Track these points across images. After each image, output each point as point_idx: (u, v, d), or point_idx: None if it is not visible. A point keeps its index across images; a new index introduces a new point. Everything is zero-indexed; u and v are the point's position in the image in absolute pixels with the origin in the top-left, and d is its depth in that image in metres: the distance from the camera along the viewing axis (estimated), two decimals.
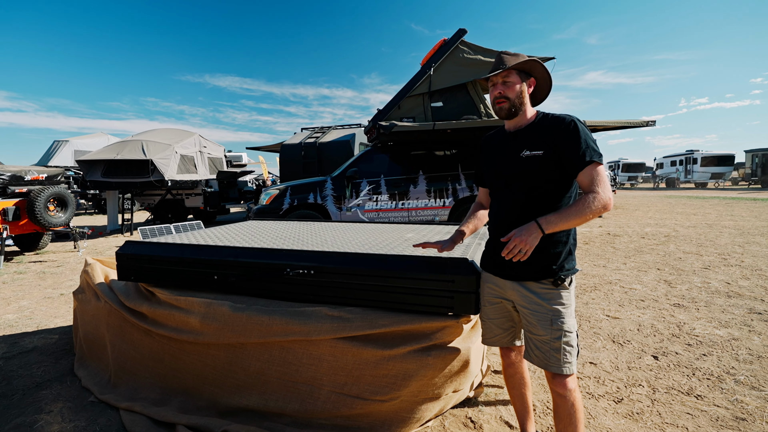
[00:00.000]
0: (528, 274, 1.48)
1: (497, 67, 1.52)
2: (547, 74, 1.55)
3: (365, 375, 1.77)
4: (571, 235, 1.50)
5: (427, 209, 6.43)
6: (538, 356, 1.49)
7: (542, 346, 1.47)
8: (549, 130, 1.45)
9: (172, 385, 2.15)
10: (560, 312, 1.44)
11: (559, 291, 1.45)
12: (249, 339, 1.90)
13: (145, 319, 2.23)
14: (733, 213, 10.82)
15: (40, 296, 4.43)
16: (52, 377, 2.51)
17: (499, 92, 1.51)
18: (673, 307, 3.60)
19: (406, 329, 1.76)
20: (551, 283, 1.45)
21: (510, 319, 1.63)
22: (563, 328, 1.43)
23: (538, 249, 1.43)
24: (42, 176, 7.21)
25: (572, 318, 1.47)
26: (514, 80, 1.50)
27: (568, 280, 1.46)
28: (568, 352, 1.44)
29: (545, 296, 1.46)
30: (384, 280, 1.79)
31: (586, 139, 1.39)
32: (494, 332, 1.66)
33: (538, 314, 1.46)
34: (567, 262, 1.47)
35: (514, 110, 1.51)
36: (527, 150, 1.47)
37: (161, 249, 2.24)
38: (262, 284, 2.00)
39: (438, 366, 1.72)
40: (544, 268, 1.45)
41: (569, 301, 1.47)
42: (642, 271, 4.91)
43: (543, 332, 1.45)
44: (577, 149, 1.38)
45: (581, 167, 1.38)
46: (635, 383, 2.31)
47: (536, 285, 1.47)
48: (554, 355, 1.44)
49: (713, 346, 2.76)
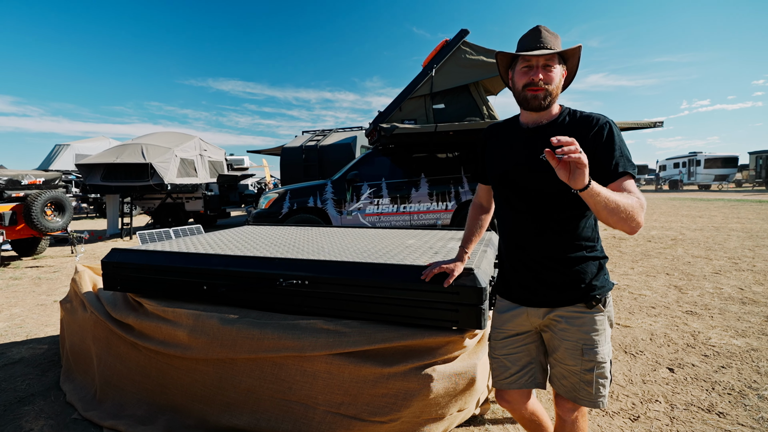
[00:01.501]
0: (556, 299, 1.26)
1: (538, 44, 1.21)
2: (577, 67, 1.31)
3: (363, 394, 1.64)
4: (598, 243, 1.28)
5: (429, 213, 6.31)
6: (565, 386, 1.29)
7: (570, 376, 1.26)
8: (578, 131, 1.19)
9: (159, 401, 2.03)
10: (593, 341, 1.22)
11: (593, 315, 1.24)
12: (239, 354, 1.77)
13: (131, 332, 2.11)
14: (740, 215, 10.65)
15: (33, 303, 4.32)
16: (36, 391, 2.39)
17: (540, 78, 1.20)
18: (686, 314, 3.46)
19: (406, 345, 1.63)
20: (584, 306, 1.24)
21: (528, 354, 1.36)
22: (596, 359, 1.22)
23: (564, 265, 1.24)
24: (39, 180, 7.12)
25: (607, 345, 1.25)
26: (557, 66, 1.23)
27: (605, 301, 1.24)
28: (602, 384, 1.23)
29: (576, 322, 1.24)
30: (383, 291, 1.66)
31: (621, 147, 1.17)
32: (509, 370, 1.37)
33: (567, 342, 1.25)
34: (598, 278, 1.25)
35: (548, 102, 1.23)
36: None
37: (148, 257, 2.12)
38: (254, 295, 1.88)
39: (441, 384, 1.59)
40: (574, 287, 1.24)
41: (604, 326, 1.25)
42: (651, 276, 4.77)
43: (572, 362, 1.25)
44: (611, 157, 1.15)
45: (613, 178, 1.14)
46: (651, 399, 2.18)
47: (567, 309, 1.26)
48: (585, 388, 1.24)
49: (732, 358, 2.61)
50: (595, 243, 1.28)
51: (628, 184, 1.14)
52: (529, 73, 1.22)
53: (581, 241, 1.25)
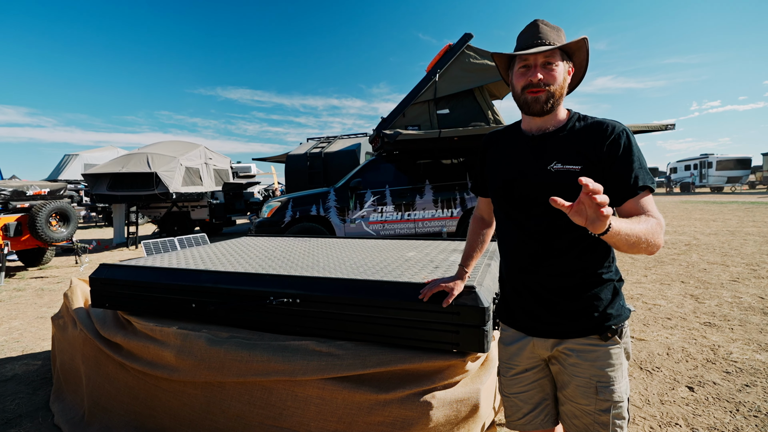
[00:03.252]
0: (566, 330, 1.12)
1: (536, 41, 1.08)
2: (586, 63, 1.16)
3: (358, 422, 1.53)
4: (612, 264, 1.14)
5: (434, 220, 6.19)
6: (577, 426, 1.14)
7: (583, 416, 1.12)
8: (590, 139, 1.07)
9: (147, 425, 1.93)
10: (609, 377, 1.08)
11: (608, 348, 1.09)
12: (227, 377, 1.67)
13: (120, 351, 2.02)
14: (755, 218, 10.36)
15: (33, 316, 4.28)
16: (25, 412, 2.31)
17: (539, 78, 1.07)
18: (704, 326, 3.29)
19: (404, 369, 1.52)
20: (598, 338, 1.10)
21: (541, 390, 1.21)
22: (613, 398, 1.08)
23: (574, 290, 1.10)
24: (44, 191, 7.15)
25: (624, 381, 1.11)
26: (559, 63, 1.09)
27: (620, 331, 1.10)
28: (619, 426, 1.09)
29: (589, 356, 1.10)
30: (378, 311, 1.55)
31: (639, 158, 1.05)
32: (521, 410, 1.23)
33: (578, 378, 1.11)
34: (614, 305, 1.11)
35: (551, 104, 1.10)
36: (558, 162, 1.08)
37: (136, 273, 2.04)
38: (244, 314, 1.78)
39: (442, 412, 1.47)
40: (586, 316, 1.10)
41: (620, 360, 1.11)
42: (665, 285, 4.59)
43: (585, 402, 1.11)
44: (629, 171, 1.03)
45: (632, 194, 1.02)
46: (671, 422, 2.03)
47: (578, 341, 1.11)
48: (600, 430, 1.10)
49: (756, 375, 2.45)
50: (610, 264, 1.13)
51: (647, 201, 1.03)
52: (527, 73, 1.09)
53: (594, 263, 1.11)
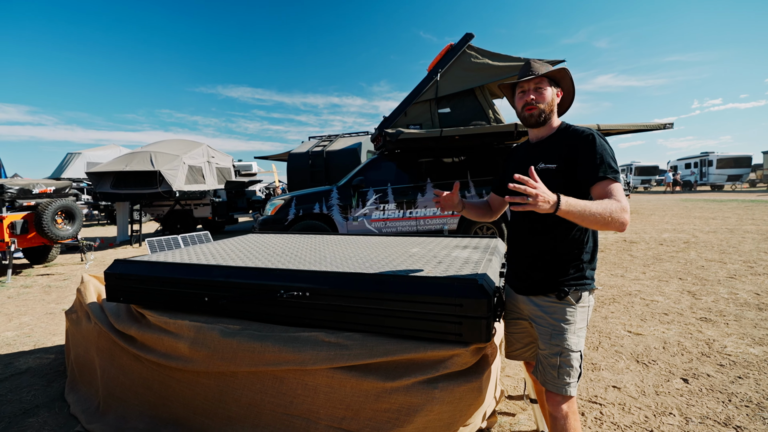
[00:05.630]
0: (534, 288, 1.48)
1: (528, 72, 1.48)
2: (572, 88, 1.54)
3: (365, 409, 1.60)
4: (584, 248, 1.43)
5: (435, 218, 6.26)
6: (540, 371, 1.46)
7: (543, 360, 1.44)
8: (566, 142, 1.41)
9: (161, 414, 2.01)
10: (562, 328, 1.40)
11: (564, 306, 1.41)
12: (240, 367, 1.75)
13: (134, 343, 2.10)
14: (754, 216, 10.41)
15: (42, 312, 4.36)
16: (41, 402, 2.39)
17: (532, 98, 1.46)
18: (700, 321, 3.36)
19: (409, 358, 1.59)
20: (555, 297, 1.41)
21: (529, 335, 1.62)
22: (562, 345, 1.39)
23: (544, 261, 1.44)
24: (50, 189, 7.22)
25: (576, 336, 1.40)
26: (547, 87, 1.47)
27: (576, 296, 1.40)
28: (567, 372, 1.38)
29: (548, 310, 1.43)
30: (384, 303, 1.63)
31: (603, 154, 1.33)
32: (515, 346, 1.68)
33: (540, 327, 1.46)
34: (575, 276, 1.42)
35: (543, 118, 1.47)
36: (543, 162, 1.43)
37: (150, 268, 2.11)
38: (255, 307, 1.85)
39: (446, 399, 1.54)
40: (549, 280, 1.43)
41: (575, 318, 1.40)
42: (663, 281, 4.66)
43: (543, 346, 1.44)
44: (592, 162, 1.32)
45: (594, 181, 1.31)
46: (665, 411, 2.11)
47: (542, 298, 1.46)
48: (550, 371, 1.40)
49: (749, 367, 2.53)
50: (582, 246, 1.42)
51: (612, 188, 1.28)
52: (524, 96, 1.49)
53: (567, 243, 1.41)
